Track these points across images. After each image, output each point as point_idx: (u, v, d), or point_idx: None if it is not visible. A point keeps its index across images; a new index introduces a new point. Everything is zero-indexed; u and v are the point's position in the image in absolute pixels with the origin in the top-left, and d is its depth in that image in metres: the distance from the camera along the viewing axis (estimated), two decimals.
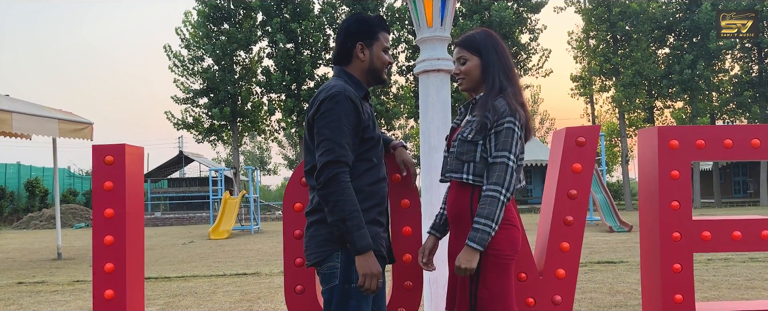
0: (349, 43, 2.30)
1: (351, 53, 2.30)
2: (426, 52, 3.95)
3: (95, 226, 2.57)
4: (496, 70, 2.30)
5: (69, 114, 11.06)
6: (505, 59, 2.34)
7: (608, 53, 26.07)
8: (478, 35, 2.38)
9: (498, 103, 2.21)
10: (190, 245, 13.32)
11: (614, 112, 28.48)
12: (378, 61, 2.32)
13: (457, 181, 2.28)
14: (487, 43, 2.34)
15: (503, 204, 2.13)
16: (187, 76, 24.55)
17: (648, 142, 2.70)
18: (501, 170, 2.15)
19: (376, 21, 2.34)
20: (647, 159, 2.71)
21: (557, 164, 2.61)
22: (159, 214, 25.29)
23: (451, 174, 2.29)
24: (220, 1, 24.16)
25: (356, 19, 2.33)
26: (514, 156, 2.17)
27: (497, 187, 2.13)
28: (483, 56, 2.33)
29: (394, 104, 24.71)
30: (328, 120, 2.09)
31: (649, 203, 2.72)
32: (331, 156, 2.05)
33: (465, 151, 2.24)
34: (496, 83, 2.27)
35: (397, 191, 2.61)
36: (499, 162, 2.16)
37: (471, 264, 2.12)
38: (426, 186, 3.93)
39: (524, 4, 25.31)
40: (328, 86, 2.19)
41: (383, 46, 2.33)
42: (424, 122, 3.94)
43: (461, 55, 2.39)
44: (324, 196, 2.05)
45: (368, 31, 2.30)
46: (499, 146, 2.17)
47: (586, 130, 2.61)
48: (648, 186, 2.71)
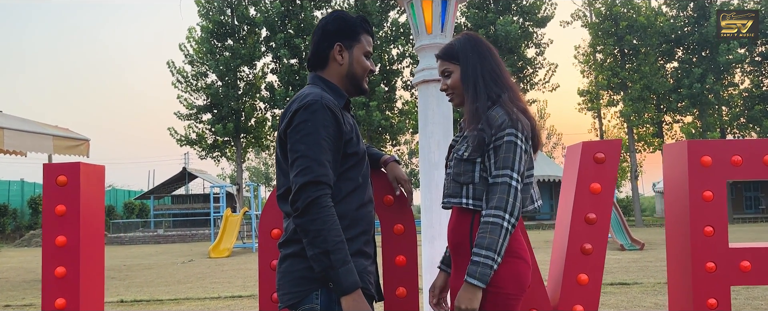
0: (326, 43, 1.98)
1: (327, 56, 1.99)
2: (425, 61, 3.64)
3: (45, 256, 2.26)
4: (480, 76, 1.97)
5: (65, 130, 10.82)
6: (490, 62, 2.01)
7: (616, 67, 25.75)
8: (457, 42, 2.06)
9: (494, 113, 1.89)
10: (189, 264, 12.99)
11: (622, 126, 28.08)
12: (358, 67, 2.00)
13: (457, 207, 1.97)
14: (466, 47, 2.02)
15: (507, 232, 1.80)
16: (191, 92, 24.39)
17: (676, 158, 2.36)
18: (502, 192, 1.82)
19: (359, 21, 2.02)
20: (675, 178, 2.38)
21: (573, 184, 2.28)
22: (161, 231, 24.98)
23: (449, 199, 1.97)
24: (224, 17, 24.07)
25: (335, 17, 2.01)
26: (517, 174, 1.84)
27: (498, 212, 1.81)
28: (461, 63, 2.01)
29: (399, 119, 24.43)
30: (304, 133, 1.77)
31: (678, 228, 2.38)
32: (309, 176, 1.73)
33: (462, 172, 1.92)
34: (482, 90, 1.95)
35: (390, 214, 2.29)
36: (500, 182, 1.84)
37: (472, 304, 1.78)
38: (426, 206, 3.60)
39: (530, 19, 25.08)
40: (302, 95, 1.87)
41: (365, 49, 2.02)
42: (424, 136, 3.63)
43: (444, 68, 2.07)
44: (302, 225, 1.72)
45: (349, 30, 1.99)
46: (499, 164, 1.85)
47: (605, 144, 2.28)
48: (676, 208, 2.37)
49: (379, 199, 2.27)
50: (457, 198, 1.93)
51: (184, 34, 24.69)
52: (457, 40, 2.07)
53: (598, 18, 26.03)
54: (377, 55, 23.46)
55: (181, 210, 27.97)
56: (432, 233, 3.57)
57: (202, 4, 24.02)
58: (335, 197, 1.80)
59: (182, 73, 24.25)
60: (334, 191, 1.80)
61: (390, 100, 24.74)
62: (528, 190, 1.95)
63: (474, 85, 1.97)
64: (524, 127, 1.88)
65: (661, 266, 9.63)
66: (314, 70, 2.03)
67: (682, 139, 26.81)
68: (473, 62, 1.99)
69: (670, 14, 26.49)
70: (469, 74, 1.99)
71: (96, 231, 2.39)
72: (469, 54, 2.00)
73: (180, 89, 24.42)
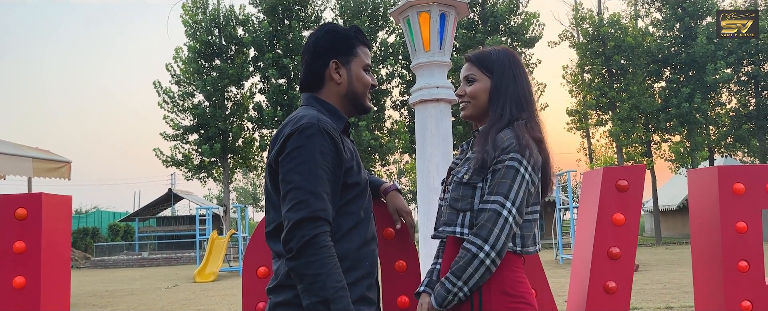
0: (320, 61, 1.75)
1: (323, 75, 1.76)
2: (423, 79, 3.43)
3: (1, 300, 1.99)
4: (509, 98, 1.77)
5: (45, 152, 10.50)
6: (522, 86, 1.81)
7: (604, 87, 25.78)
8: (495, 52, 1.86)
9: (502, 135, 1.69)
10: (173, 289, 12.60)
11: (611, 146, 28.07)
12: (358, 83, 1.78)
13: (452, 237, 1.75)
14: (504, 63, 1.82)
15: (486, 268, 1.59)
16: (177, 112, 24.06)
17: (704, 185, 2.15)
18: (489, 220, 1.61)
19: (353, 32, 1.80)
20: (703, 207, 2.16)
21: (593, 215, 2.06)
22: (146, 254, 24.45)
23: (444, 227, 1.75)
24: (212, 37, 23.87)
25: (326, 31, 1.78)
26: (512, 204, 1.62)
27: (478, 241, 1.60)
28: (495, 77, 1.80)
29: (388, 139, 24.24)
30: (298, 161, 1.53)
31: (708, 263, 2.16)
32: (304, 211, 1.49)
33: (461, 197, 1.71)
34: (506, 112, 1.75)
35: (391, 249, 2.05)
36: (489, 209, 1.62)
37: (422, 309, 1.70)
38: (425, 236, 3.36)
39: (518, 39, 25.12)
40: (296, 117, 1.64)
41: (363, 63, 1.80)
42: (422, 160, 3.40)
43: (470, 73, 1.86)
44: (297, 268, 1.48)
45: (343, 44, 1.77)
46: (492, 188, 1.65)
47: (628, 171, 2.06)
48: (706, 241, 2.15)
49: (378, 232, 2.04)
50: (452, 226, 1.72)
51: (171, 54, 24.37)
52: (494, 50, 1.87)
53: (586, 38, 26.13)
54: None
55: (166, 233, 27.45)
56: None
57: (189, 24, 23.82)
58: (335, 235, 1.57)
59: (169, 93, 23.95)
60: (334, 228, 1.57)
61: (379, 120, 24.56)
62: (530, 228, 1.72)
63: (502, 104, 1.76)
64: (532, 156, 1.67)
65: (659, 289, 9.41)
66: (309, 92, 1.81)
67: (671, 158, 26.80)
68: (507, 80, 1.80)
69: (657, 34, 26.66)
70: (500, 92, 1.79)
71: (60, 271, 2.12)
72: (506, 69, 1.82)
73: (166, 109, 24.09)
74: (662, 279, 10.90)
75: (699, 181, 2.18)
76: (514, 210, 1.62)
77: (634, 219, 2.02)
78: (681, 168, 27.38)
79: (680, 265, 13.73)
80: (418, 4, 3.32)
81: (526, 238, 1.71)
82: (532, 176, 1.66)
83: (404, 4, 3.35)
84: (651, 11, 27.42)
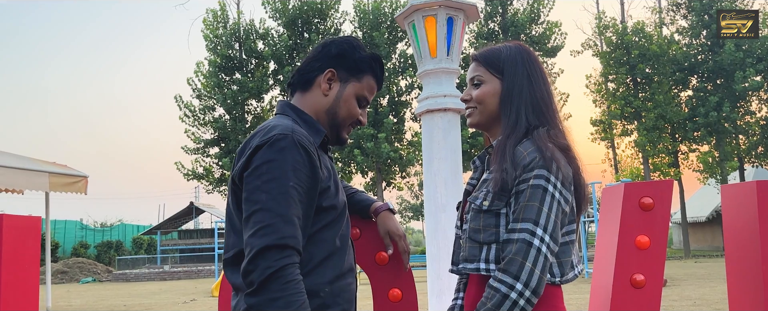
0: (318, 63, 1.54)
1: (312, 79, 1.54)
2: (430, 88, 3.21)
3: None
4: (523, 102, 1.50)
5: (62, 166, 10.50)
6: (541, 85, 1.54)
7: (629, 96, 25.28)
8: (505, 49, 1.59)
9: (522, 149, 1.42)
10: (191, 304, 12.49)
11: (637, 156, 27.45)
12: (344, 107, 1.55)
13: (476, 275, 1.48)
14: (516, 61, 1.55)
15: (517, 308, 1.31)
16: (198, 125, 24.18)
17: (741, 201, 1.90)
18: (519, 252, 1.34)
19: (369, 59, 1.57)
20: (740, 226, 1.91)
21: (613, 237, 1.81)
22: (167, 268, 24.49)
23: (465, 264, 1.48)
24: (232, 51, 24.00)
25: (344, 41, 1.57)
26: (544, 230, 1.35)
27: (507, 278, 1.33)
28: (506, 78, 1.54)
29: (408, 151, 24.03)
30: (266, 179, 1.32)
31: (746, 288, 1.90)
32: (270, 237, 1.27)
33: (482, 227, 1.44)
34: (521, 119, 1.48)
35: (384, 276, 1.83)
36: (517, 239, 1.35)
37: None
38: (433, 255, 3.13)
39: (540, 49, 24.79)
40: (267, 127, 1.42)
41: (361, 93, 1.57)
42: (429, 174, 3.18)
43: (476, 74, 1.60)
44: (258, 306, 1.25)
45: (353, 62, 1.55)
46: (518, 214, 1.38)
47: (653, 187, 1.82)
48: (743, 264, 1.89)
49: (370, 256, 1.82)
50: (475, 262, 1.44)
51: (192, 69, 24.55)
52: (505, 47, 1.61)
53: (610, 47, 25.68)
54: (386, 86, 23.19)
55: (187, 246, 27.50)
56: (440, 286, 3.09)
57: (210, 39, 24.00)
58: (305, 266, 1.34)
59: (190, 107, 24.11)
60: (304, 258, 1.35)
61: (399, 132, 24.38)
62: (567, 252, 1.45)
63: (516, 110, 1.49)
64: (561, 170, 1.40)
65: (689, 305, 9.01)
66: (292, 94, 1.60)
67: (699, 168, 26.10)
68: (521, 80, 1.53)
69: (683, 42, 26.10)
70: (513, 95, 1.52)
71: (25, 295, 1.94)
72: (518, 68, 1.55)
73: (187, 123, 24.24)
74: (692, 295, 10.46)
75: (736, 197, 1.92)
76: (548, 237, 1.36)
77: (661, 242, 1.77)
78: (709, 178, 26.65)
79: (710, 280, 13.23)
80: (423, 8, 3.12)
81: (565, 265, 1.45)
82: (563, 193, 1.40)
83: (409, 8, 3.16)
84: (676, 18, 26.87)
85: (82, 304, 13.19)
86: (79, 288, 19.69)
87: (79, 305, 13.11)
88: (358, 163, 22.98)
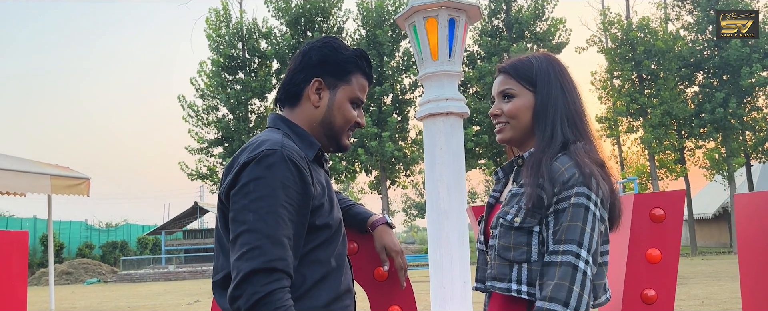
0: (303, 74, 1.46)
1: (300, 92, 1.46)
2: (431, 91, 3.13)
3: None
4: (559, 115, 1.44)
5: (64, 169, 10.46)
6: (573, 99, 1.48)
7: (634, 93, 25.12)
8: (536, 60, 1.52)
9: (559, 164, 1.35)
10: (195, 305, 12.45)
11: (643, 153, 27.30)
12: (338, 115, 1.47)
13: (503, 295, 1.41)
14: (549, 72, 1.49)
15: None
16: (202, 125, 24.16)
17: (753, 213, 1.81)
18: (565, 277, 1.27)
19: (353, 56, 1.49)
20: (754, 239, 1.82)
21: (623, 250, 1.73)
22: (172, 268, 24.50)
23: (494, 282, 1.41)
24: (235, 51, 23.95)
25: (323, 44, 1.49)
26: (588, 252, 1.29)
27: (558, 308, 1.26)
28: (539, 91, 1.47)
29: (412, 149, 23.94)
30: (254, 197, 1.25)
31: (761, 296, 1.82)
32: (258, 260, 1.20)
33: (513, 245, 1.37)
34: (557, 134, 1.41)
35: (383, 293, 1.75)
36: (562, 262, 1.29)
37: None
38: (436, 262, 3.05)
39: (544, 45, 24.65)
40: (256, 141, 1.35)
41: (353, 95, 1.49)
42: (431, 179, 3.10)
43: (507, 87, 1.52)
44: None
45: (336, 65, 1.47)
46: (560, 235, 1.31)
47: (664, 198, 1.73)
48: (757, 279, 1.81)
49: (369, 272, 1.74)
50: (505, 282, 1.38)
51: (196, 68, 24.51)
52: (535, 57, 1.53)
53: (615, 43, 25.52)
54: (389, 85, 23.11)
55: (192, 246, 27.51)
56: (443, 295, 3.02)
57: (213, 39, 23.95)
58: (297, 289, 1.27)
59: (193, 107, 24.08)
60: (296, 280, 1.27)
61: (403, 130, 24.30)
62: (601, 275, 1.38)
63: (551, 124, 1.43)
64: (600, 187, 1.33)
65: (697, 305, 8.91)
66: (281, 108, 1.53)
67: (706, 165, 25.93)
68: (555, 92, 1.46)
69: (688, 38, 25.90)
70: (548, 108, 1.45)
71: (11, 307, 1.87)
72: (551, 80, 1.48)
73: (191, 123, 24.21)
74: (700, 294, 10.36)
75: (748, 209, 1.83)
76: (591, 259, 1.31)
77: (673, 255, 1.69)
78: (716, 175, 26.48)
79: (718, 278, 13.12)
80: (424, 9, 3.03)
81: (598, 288, 1.38)
82: (601, 212, 1.35)
83: (409, 9, 3.07)
84: (681, 14, 26.68)
85: (86, 306, 13.17)
86: (84, 289, 19.71)
87: (82, 307, 13.10)
88: (362, 162, 22.92)
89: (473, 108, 23.09)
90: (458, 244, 2.98)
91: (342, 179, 25.50)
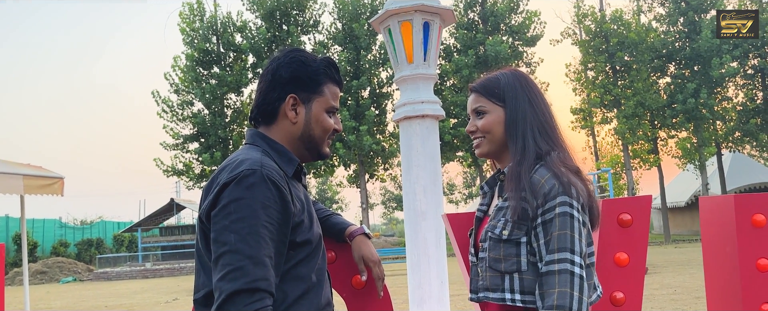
0: (276, 93, 1.48)
1: (276, 110, 1.48)
2: (407, 94, 3.17)
3: None
4: (529, 127, 1.52)
5: (37, 168, 10.29)
6: (542, 108, 1.57)
7: (608, 84, 25.47)
8: (503, 76, 1.60)
9: (538, 177, 1.43)
10: (173, 303, 12.38)
11: (617, 144, 27.74)
12: (317, 127, 1.50)
13: (498, 305, 1.48)
14: (516, 87, 1.57)
15: None
16: (177, 121, 23.89)
17: (717, 216, 1.89)
18: (564, 284, 1.35)
19: (322, 66, 1.52)
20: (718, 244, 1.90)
21: None
22: (149, 265, 24.27)
23: (486, 293, 1.48)
24: (210, 45, 23.70)
25: (291, 59, 1.51)
26: (580, 256, 1.38)
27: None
28: (508, 105, 1.56)
29: (390, 143, 23.99)
30: (235, 218, 1.27)
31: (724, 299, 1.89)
32: (240, 281, 1.23)
33: (503, 257, 1.45)
34: (529, 145, 1.50)
35: (361, 300, 1.79)
36: (559, 270, 1.37)
37: None
38: (413, 263, 3.10)
39: (520, 38, 24.85)
40: (235, 161, 1.37)
41: (328, 104, 1.52)
42: (408, 180, 3.14)
43: (478, 105, 1.60)
44: None
45: (308, 79, 1.49)
46: (553, 245, 1.39)
47: (631, 203, 1.80)
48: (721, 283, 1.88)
49: (346, 280, 1.78)
50: (498, 292, 1.45)
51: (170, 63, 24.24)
52: (502, 74, 1.62)
53: (588, 35, 25.81)
54: (367, 78, 23.09)
55: (169, 243, 27.25)
56: (421, 295, 3.07)
57: (186, 33, 23.66)
58: (279, 305, 1.30)
59: (167, 103, 23.79)
60: (278, 297, 1.30)
61: (381, 124, 24.33)
62: (591, 275, 1.45)
63: (522, 136, 1.51)
64: (579, 193, 1.42)
65: (669, 294, 9.13)
66: (257, 126, 1.54)
67: (678, 154, 26.45)
68: (523, 106, 1.55)
69: (660, 30, 26.31)
70: (518, 121, 1.53)
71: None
72: (519, 94, 1.57)
73: (166, 119, 23.93)
74: (672, 282, 10.61)
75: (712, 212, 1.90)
76: (583, 262, 1.39)
77: (640, 259, 1.76)
78: (688, 164, 27.02)
79: (690, 266, 13.43)
80: (399, 13, 3.06)
81: (590, 287, 1.45)
82: (583, 217, 1.44)
83: (384, 13, 3.10)
84: (654, 6, 27.07)
85: (62, 306, 13.02)
86: (60, 288, 19.45)
87: (59, 307, 12.94)
88: (341, 156, 22.92)
89: (450, 101, 23.21)
90: (435, 245, 3.03)
91: (320, 173, 25.49)
